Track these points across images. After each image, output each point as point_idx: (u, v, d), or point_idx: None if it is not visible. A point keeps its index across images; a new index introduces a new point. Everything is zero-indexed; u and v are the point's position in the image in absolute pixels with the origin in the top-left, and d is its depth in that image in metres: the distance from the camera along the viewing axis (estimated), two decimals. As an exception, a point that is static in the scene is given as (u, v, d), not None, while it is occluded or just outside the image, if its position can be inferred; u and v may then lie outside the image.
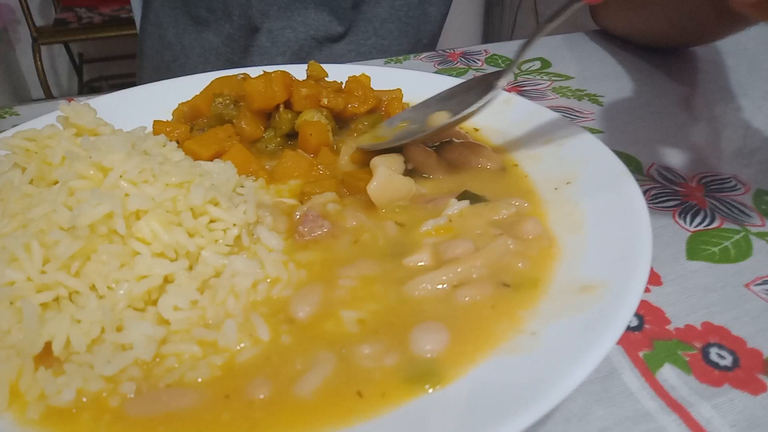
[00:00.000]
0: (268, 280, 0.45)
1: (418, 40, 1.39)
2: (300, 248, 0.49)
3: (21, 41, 4.00)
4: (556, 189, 0.55)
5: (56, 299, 0.42)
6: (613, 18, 1.15)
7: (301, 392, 0.36)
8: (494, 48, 1.18)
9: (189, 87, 0.72)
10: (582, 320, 0.38)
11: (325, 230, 0.50)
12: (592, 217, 0.49)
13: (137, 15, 1.68)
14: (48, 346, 0.40)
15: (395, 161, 0.56)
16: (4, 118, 0.92)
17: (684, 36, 1.04)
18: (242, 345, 0.40)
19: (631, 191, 0.49)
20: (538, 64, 1.09)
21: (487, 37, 4.19)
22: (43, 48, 3.77)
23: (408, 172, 0.58)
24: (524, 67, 1.08)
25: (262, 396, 0.36)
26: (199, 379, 0.38)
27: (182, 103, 0.70)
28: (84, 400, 0.37)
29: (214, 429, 0.34)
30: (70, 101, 0.72)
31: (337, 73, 0.73)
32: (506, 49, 1.17)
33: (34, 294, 0.41)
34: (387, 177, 0.53)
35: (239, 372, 0.38)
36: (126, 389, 0.37)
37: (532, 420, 0.31)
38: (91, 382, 0.37)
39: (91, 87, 4.13)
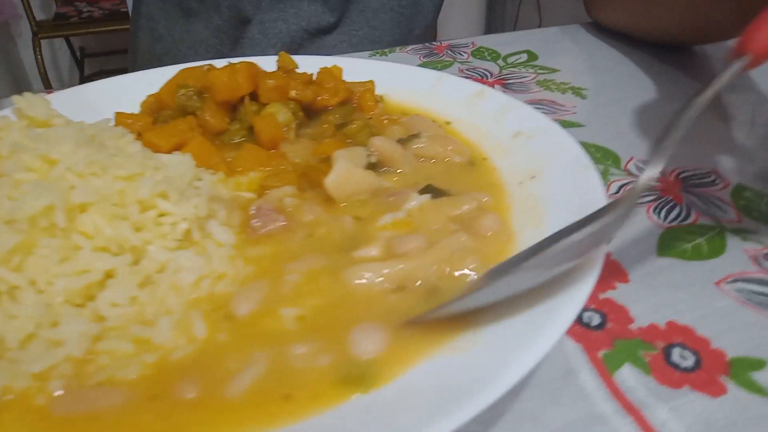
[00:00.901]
0: (214, 276, 0.44)
1: (410, 31, 1.38)
2: (252, 243, 0.48)
3: (22, 36, 4.02)
4: (520, 183, 0.54)
5: (-4, 293, 0.41)
6: (612, 12, 1.13)
7: (230, 393, 0.35)
8: (481, 41, 1.16)
9: (164, 78, 0.71)
10: (525, 319, 0.36)
11: (280, 224, 0.49)
12: (552, 213, 0.47)
13: (131, 9, 1.68)
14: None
15: (357, 154, 0.54)
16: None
17: (693, 34, 0.99)
18: (177, 343, 0.39)
19: (593, 186, 0.48)
20: (524, 57, 1.07)
21: (490, 30, 4.16)
22: (45, 42, 3.78)
23: (372, 165, 0.57)
24: (510, 60, 1.07)
25: (189, 397, 0.35)
26: (131, 377, 0.37)
27: (151, 95, 0.69)
28: (9, 397, 0.36)
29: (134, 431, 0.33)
30: (49, 93, 0.71)
31: (316, 65, 0.71)
32: (493, 41, 1.15)
33: (-30, 288, 0.40)
34: (345, 170, 0.52)
35: (171, 371, 0.37)
36: (54, 387, 0.36)
37: (460, 422, 0.30)
38: (17, 379, 0.36)
39: (92, 81, 4.13)
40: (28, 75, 4.21)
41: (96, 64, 4.21)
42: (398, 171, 0.59)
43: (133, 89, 0.71)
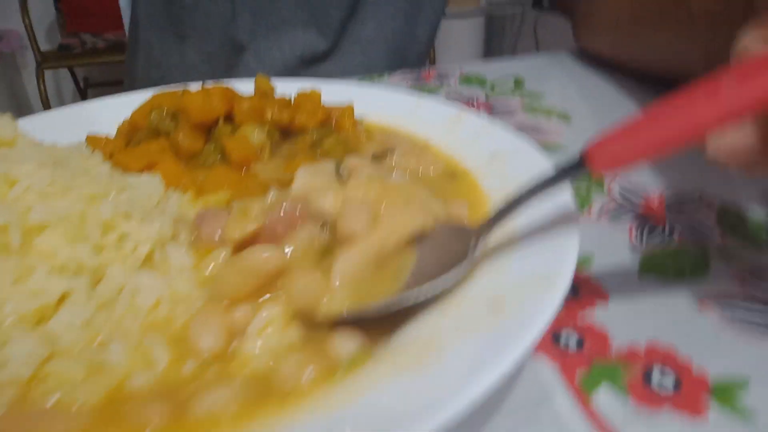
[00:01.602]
0: (173, 299, 0.43)
1: (404, 59, 1.39)
2: (204, 254, 0.47)
3: (28, 67, 4.09)
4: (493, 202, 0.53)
5: (-54, 315, 0.40)
6: (596, 41, 1.13)
7: (215, 403, 0.34)
8: (468, 67, 1.16)
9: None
10: (486, 339, 0.35)
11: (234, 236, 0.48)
12: (521, 232, 0.46)
13: (128, 35, 1.70)
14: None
15: (322, 169, 0.53)
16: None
17: (669, 71, 0.98)
18: (134, 368, 0.38)
19: (566, 206, 0.46)
20: (511, 83, 1.08)
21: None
22: (49, 73, 3.84)
23: (343, 179, 0.56)
24: (497, 87, 1.07)
25: (155, 420, 0.33)
26: (81, 401, 0.35)
27: (127, 119, 0.68)
28: (-53, 421, 0.34)
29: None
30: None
31: (297, 88, 0.71)
32: (480, 68, 1.15)
33: None
34: (305, 184, 0.51)
35: (125, 398, 0.36)
36: (-4, 408, 0.35)
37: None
38: (-44, 400, 0.35)
39: (94, 111, 4.18)
40: (32, 105, 4.27)
41: (99, 93, 4.26)
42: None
43: (117, 111, 0.71)
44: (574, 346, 0.48)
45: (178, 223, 0.49)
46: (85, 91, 4.23)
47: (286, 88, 0.72)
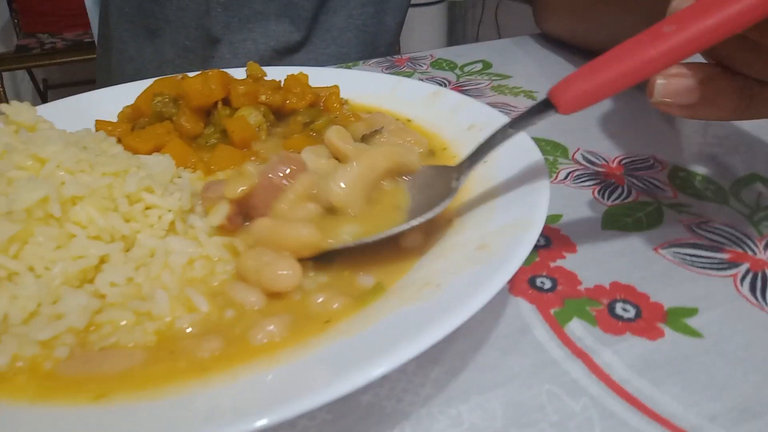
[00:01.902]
0: (207, 260, 0.48)
1: (375, 48, 1.44)
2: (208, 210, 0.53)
3: (-17, 70, 3.98)
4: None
5: (-5, 280, 0.44)
6: (556, 24, 1.21)
7: (264, 335, 0.40)
8: (439, 53, 1.23)
9: (137, 91, 0.76)
10: (476, 270, 0.41)
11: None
12: (501, 192, 0.53)
13: (97, 33, 1.71)
14: (-11, 323, 0.42)
15: (321, 150, 0.59)
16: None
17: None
18: (177, 314, 0.43)
19: (536, 164, 0.53)
20: (479, 66, 1.15)
21: (450, 49, 4.26)
22: (7, 75, 3.76)
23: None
24: (466, 69, 1.13)
25: (210, 350, 0.39)
26: (132, 344, 0.41)
27: (127, 106, 0.73)
28: (19, 364, 0.39)
29: (163, 378, 0.37)
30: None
31: (283, 74, 0.77)
32: (450, 53, 1.22)
33: (-27, 275, 0.43)
34: (311, 162, 0.57)
35: (176, 337, 0.41)
36: (59, 353, 0.40)
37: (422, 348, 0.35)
38: (25, 347, 0.39)
39: (56, 112, 4.11)
40: (-10, 109, 4.16)
41: (59, 95, 4.18)
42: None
43: (110, 102, 0.76)
44: (548, 287, 0.55)
45: (195, 197, 0.54)
46: (45, 93, 4.16)
47: (273, 74, 0.78)
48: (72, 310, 0.42)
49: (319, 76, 0.79)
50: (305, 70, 0.79)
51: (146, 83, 0.74)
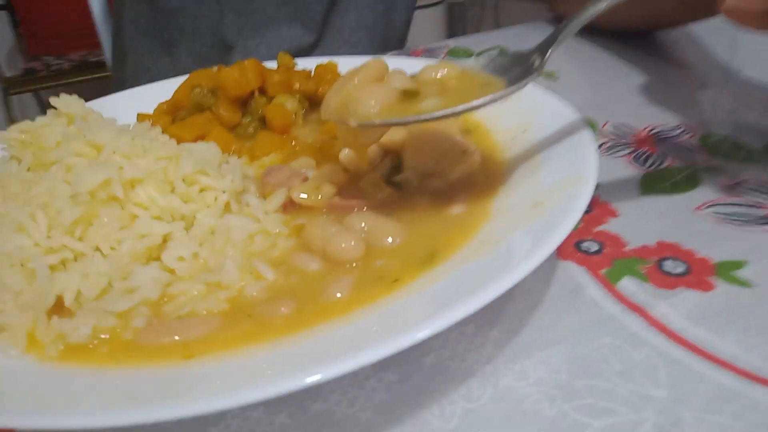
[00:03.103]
0: (267, 234, 0.50)
1: (385, 46, 1.46)
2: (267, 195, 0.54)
3: (-9, 94, 4.02)
4: (513, 138, 0.60)
5: (62, 261, 0.46)
6: (573, 6, 1.22)
7: (330, 299, 0.41)
8: (455, 42, 1.24)
9: (169, 89, 0.77)
10: (535, 226, 0.42)
11: (297, 180, 0.54)
12: (546, 154, 0.54)
13: (107, 54, 1.73)
14: (59, 301, 0.44)
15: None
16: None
17: (646, 23, 1.09)
18: (246, 282, 0.44)
19: (579, 128, 0.54)
20: (496, 52, 1.16)
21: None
22: (14, 99, 3.80)
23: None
24: (484, 55, 1.14)
25: (284, 311, 0.40)
26: (205, 312, 0.42)
27: (162, 102, 0.74)
28: (104, 336, 0.40)
29: (244, 338, 0.38)
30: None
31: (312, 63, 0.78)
32: (465, 41, 1.23)
33: (43, 256, 0.44)
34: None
35: (249, 303, 0.43)
36: (137, 323, 0.41)
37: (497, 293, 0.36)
38: (104, 319, 0.41)
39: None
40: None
41: (68, 116, 4.23)
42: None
43: (142, 101, 0.77)
44: (595, 250, 0.56)
45: (245, 179, 0.55)
46: (53, 113, 4.21)
47: (301, 65, 0.79)
48: (145, 283, 0.43)
49: (347, 66, 0.80)
50: (331, 59, 0.80)
51: (167, 83, 0.76)
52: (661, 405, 0.40)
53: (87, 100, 0.64)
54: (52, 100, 0.57)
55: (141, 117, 0.68)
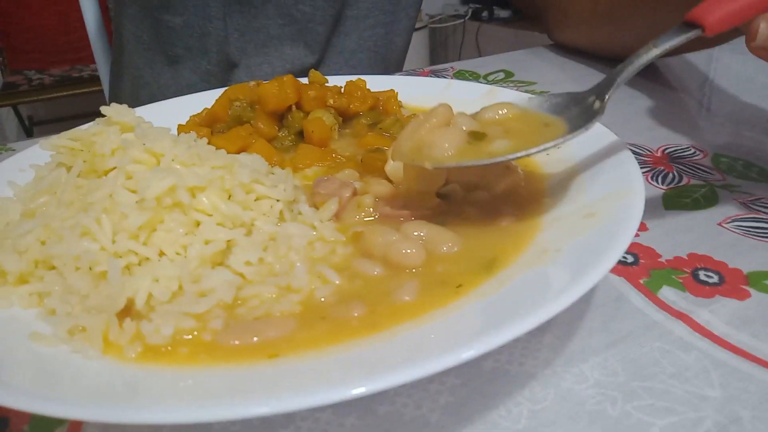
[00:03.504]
0: (326, 241, 0.51)
1: (385, 67, 1.49)
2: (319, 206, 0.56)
3: (-27, 109, 3.95)
4: (548, 154, 0.63)
5: (127, 266, 0.46)
6: (573, 33, 1.26)
7: (399, 300, 0.43)
8: (458, 65, 1.28)
9: (185, 107, 0.79)
10: (594, 235, 0.44)
11: (347, 195, 0.56)
12: (586, 168, 0.56)
13: (102, 68, 1.73)
14: (127, 305, 0.44)
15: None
16: (0, 153, 0.95)
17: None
18: (315, 285, 0.46)
19: (614, 143, 0.57)
20: (501, 75, 1.19)
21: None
22: (-8, 112, 3.74)
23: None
24: (490, 78, 1.18)
25: (357, 313, 0.41)
26: (279, 314, 0.43)
27: (194, 116, 0.75)
28: (183, 337, 0.41)
29: (323, 339, 0.40)
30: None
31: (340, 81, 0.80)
32: (469, 65, 1.27)
33: (113, 259, 0.45)
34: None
35: (321, 305, 0.44)
36: (215, 325, 0.41)
37: (567, 303, 0.38)
38: (182, 320, 0.41)
39: (45, 148, 4.08)
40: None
41: (46, 131, 4.16)
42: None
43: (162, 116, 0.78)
44: (631, 261, 0.58)
45: (296, 189, 0.57)
46: (30, 129, 4.14)
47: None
48: (220, 285, 0.44)
49: (372, 83, 0.83)
50: (357, 77, 0.83)
51: (192, 98, 0.79)
52: (717, 404, 0.42)
53: (65, 115, 0.63)
54: (103, 109, 0.58)
55: (181, 128, 0.69)
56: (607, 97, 0.53)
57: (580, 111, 0.53)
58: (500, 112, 0.55)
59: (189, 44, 1.31)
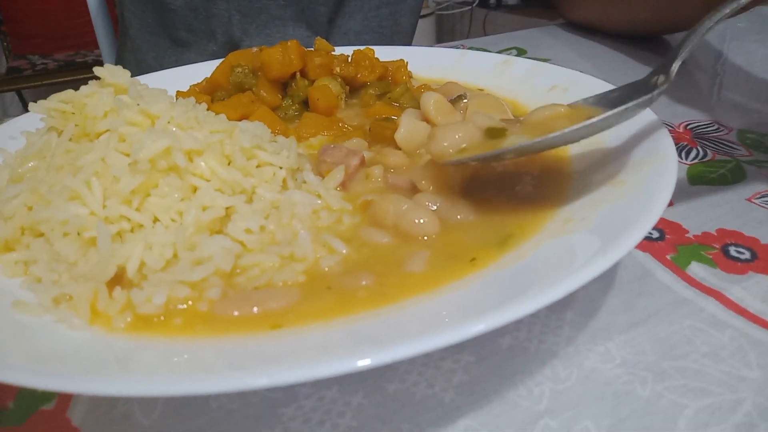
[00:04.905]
0: (332, 210, 0.48)
1: None
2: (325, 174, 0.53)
3: (-23, 95, 3.93)
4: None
5: (119, 233, 0.43)
6: (585, 10, 1.22)
7: (411, 269, 0.39)
8: (470, 43, 1.23)
9: (190, 75, 0.75)
10: (624, 203, 0.41)
11: (355, 163, 0.52)
12: (611, 137, 0.53)
13: (105, 52, 1.69)
14: (118, 273, 0.41)
15: (419, 113, 0.59)
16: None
17: (662, 25, 1.10)
18: (320, 254, 0.42)
19: (649, 115, 0.53)
20: (515, 53, 1.15)
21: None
22: (-2, 97, 3.72)
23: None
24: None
25: (365, 282, 0.38)
26: (288, 283, 0.40)
27: (194, 84, 0.72)
28: (178, 307, 0.37)
29: (330, 310, 0.36)
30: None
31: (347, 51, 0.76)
32: (480, 42, 1.23)
33: (104, 224, 0.42)
34: (413, 125, 0.56)
35: (326, 275, 0.40)
36: (211, 294, 0.38)
37: (597, 272, 0.34)
38: (177, 289, 0.38)
39: (49, 133, 4.07)
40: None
41: (50, 117, 4.14)
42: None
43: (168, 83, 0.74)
44: (656, 237, 0.55)
45: (300, 157, 0.53)
46: (35, 114, 4.12)
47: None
48: (217, 253, 0.40)
49: (380, 54, 0.79)
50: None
51: (197, 67, 0.75)
52: (756, 385, 0.39)
53: None
54: (96, 70, 0.54)
55: (180, 94, 0.65)
56: (673, 67, 0.49)
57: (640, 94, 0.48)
58: (546, 112, 0.50)
59: (193, 27, 1.28)
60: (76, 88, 0.53)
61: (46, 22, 3.90)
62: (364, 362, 0.29)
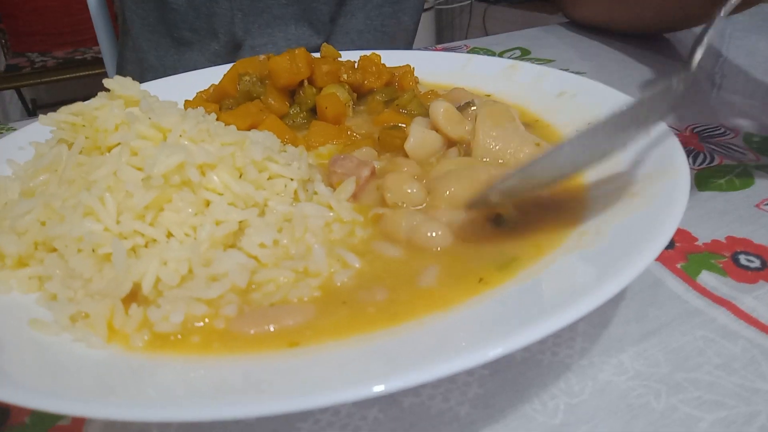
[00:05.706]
0: (344, 222, 0.48)
1: (393, 48, 1.44)
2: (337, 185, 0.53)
3: (-24, 92, 3.92)
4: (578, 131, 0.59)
5: (133, 248, 0.43)
6: (589, 9, 1.22)
7: (423, 284, 0.39)
8: (473, 43, 1.23)
9: (194, 81, 0.75)
10: (639, 216, 0.41)
11: (366, 174, 0.52)
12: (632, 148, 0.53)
13: (105, 50, 1.69)
14: (133, 289, 0.41)
15: (427, 122, 0.59)
16: (2, 133, 0.92)
17: (666, 23, 1.10)
18: (334, 269, 0.42)
19: (662, 128, 0.53)
20: (518, 53, 1.15)
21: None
22: (-5, 94, 3.71)
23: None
24: (506, 55, 1.14)
25: (380, 298, 0.38)
26: (303, 298, 0.40)
27: (201, 92, 0.72)
28: (195, 324, 0.38)
29: (346, 327, 0.37)
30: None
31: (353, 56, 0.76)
32: (483, 42, 1.23)
33: (119, 241, 0.42)
34: (422, 134, 0.56)
35: (341, 290, 0.41)
36: (228, 312, 0.38)
37: (609, 295, 0.34)
38: (193, 306, 0.38)
39: (48, 132, 4.06)
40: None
41: (50, 114, 4.13)
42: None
43: (172, 91, 0.74)
44: (667, 245, 0.55)
45: (311, 168, 0.53)
46: (34, 113, 4.10)
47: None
48: (233, 269, 0.41)
49: (386, 58, 0.79)
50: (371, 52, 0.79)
51: (198, 74, 0.75)
52: (770, 398, 0.39)
53: (68, 98, 0.60)
54: (106, 82, 0.54)
55: (188, 104, 0.65)
56: (693, 60, 0.49)
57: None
58: None
59: (195, 26, 1.28)
60: (76, 86, 0.53)
61: (45, 19, 3.88)
62: (386, 387, 0.29)
